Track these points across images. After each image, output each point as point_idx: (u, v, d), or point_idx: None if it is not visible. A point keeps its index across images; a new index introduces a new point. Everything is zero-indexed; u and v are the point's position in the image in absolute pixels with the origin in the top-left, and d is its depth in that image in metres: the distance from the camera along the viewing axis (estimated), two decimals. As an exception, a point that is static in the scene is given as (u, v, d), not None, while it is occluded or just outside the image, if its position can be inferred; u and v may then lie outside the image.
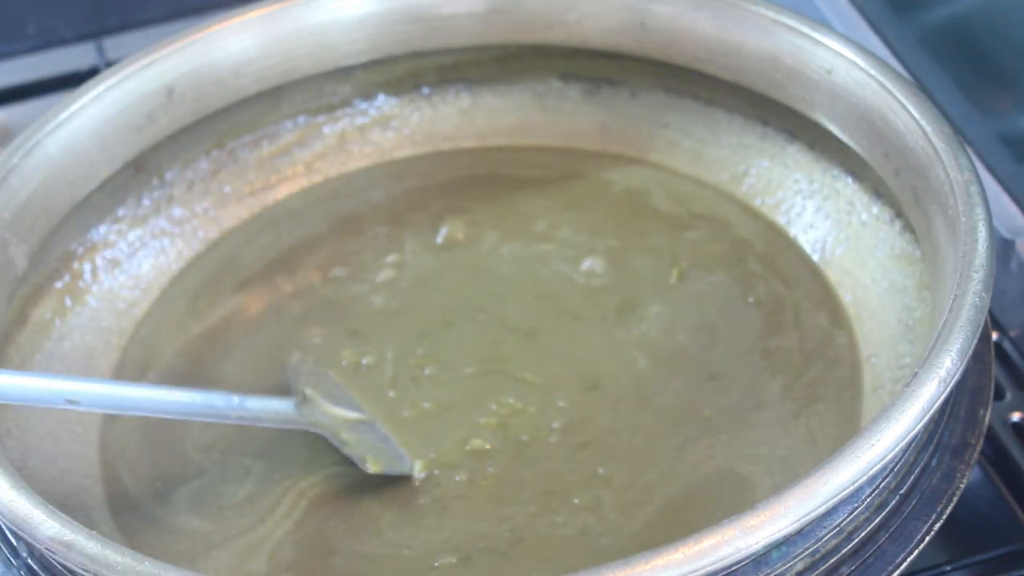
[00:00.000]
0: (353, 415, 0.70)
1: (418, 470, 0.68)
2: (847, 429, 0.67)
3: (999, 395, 0.74)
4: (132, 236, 0.80)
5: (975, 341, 0.58)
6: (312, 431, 0.69)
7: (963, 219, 0.62)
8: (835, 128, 0.74)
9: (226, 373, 0.75)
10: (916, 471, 0.60)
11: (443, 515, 0.66)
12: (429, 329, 0.75)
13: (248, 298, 0.79)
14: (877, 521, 0.58)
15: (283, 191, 0.85)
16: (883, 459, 0.54)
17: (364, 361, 0.74)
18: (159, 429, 0.72)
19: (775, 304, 0.74)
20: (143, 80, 0.78)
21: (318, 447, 0.69)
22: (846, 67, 0.72)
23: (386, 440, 0.69)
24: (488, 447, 0.69)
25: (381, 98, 0.86)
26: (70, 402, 0.63)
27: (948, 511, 0.59)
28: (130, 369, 0.76)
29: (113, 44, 1.02)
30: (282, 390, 0.72)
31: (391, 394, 0.72)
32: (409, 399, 0.72)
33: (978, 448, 0.62)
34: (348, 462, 0.68)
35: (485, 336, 0.74)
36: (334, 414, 0.70)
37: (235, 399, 0.68)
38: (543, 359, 0.73)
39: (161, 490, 0.69)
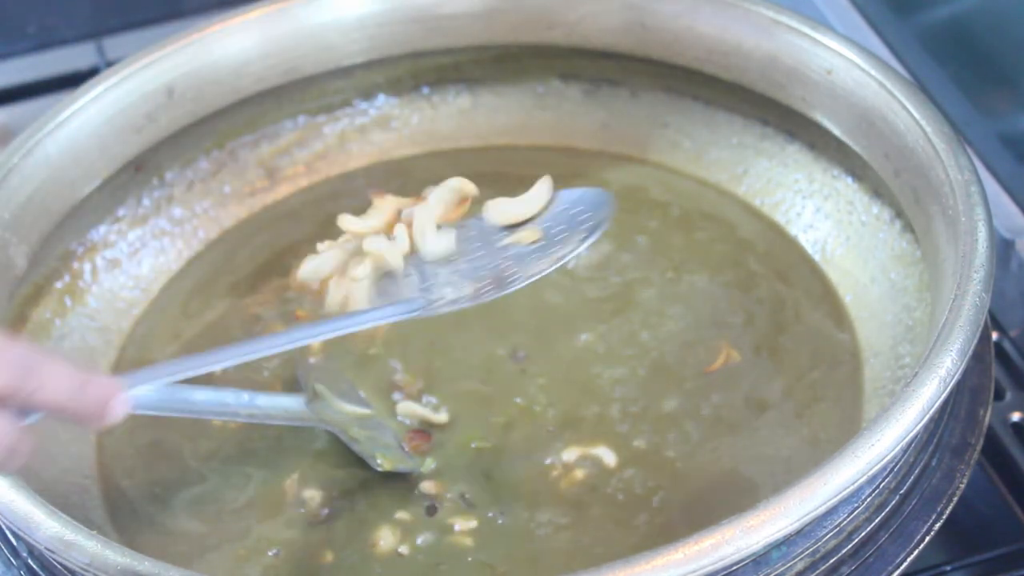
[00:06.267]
0: (364, 411, 0.70)
1: (421, 468, 0.68)
2: (848, 429, 0.67)
3: (999, 395, 0.74)
4: (132, 236, 0.80)
5: (975, 341, 0.58)
6: (322, 428, 0.69)
7: (963, 219, 0.62)
8: (835, 128, 0.74)
9: (227, 373, 0.74)
10: (916, 471, 0.60)
11: (442, 516, 0.66)
12: (434, 325, 0.75)
13: (248, 298, 0.79)
14: (877, 521, 0.58)
15: (283, 191, 0.85)
16: (883, 459, 0.54)
17: (371, 352, 0.74)
18: (158, 430, 0.72)
19: (776, 304, 0.74)
20: (143, 80, 0.78)
21: (321, 452, 0.69)
22: (846, 67, 0.72)
23: (394, 437, 0.69)
24: (490, 446, 0.69)
25: (381, 98, 0.86)
26: None
27: (948, 511, 0.59)
28: (130, 368, 0.76)
29: (113, 44, 1.02)
30: (286, 389, 0.72)
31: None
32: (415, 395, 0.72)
33: (978, 448, 0.62)
34: (352, 464, 0.68)
35: (489, 334, 0.74)
36: (345, 410, 0.69)
37: (245, 396, 0.68)
38: (545, 358, 0.73)
39: (160, 494, 0.69)
